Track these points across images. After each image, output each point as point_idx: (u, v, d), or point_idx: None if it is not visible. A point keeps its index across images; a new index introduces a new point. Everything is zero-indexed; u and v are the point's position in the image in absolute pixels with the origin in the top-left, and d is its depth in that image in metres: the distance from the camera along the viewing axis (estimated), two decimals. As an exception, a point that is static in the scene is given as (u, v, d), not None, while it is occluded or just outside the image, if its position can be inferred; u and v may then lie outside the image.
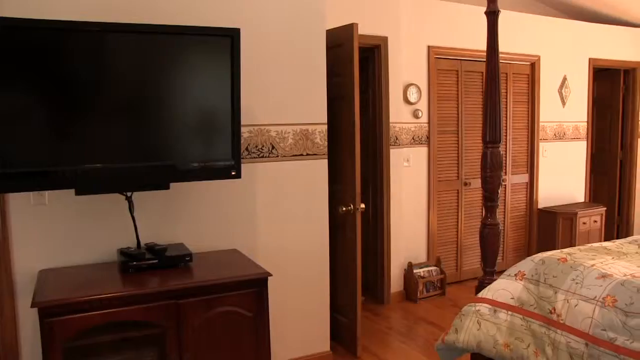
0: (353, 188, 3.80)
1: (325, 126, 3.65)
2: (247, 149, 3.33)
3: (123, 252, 2.80)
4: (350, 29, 3.77)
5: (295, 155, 3.53)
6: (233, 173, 2.92)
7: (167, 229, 3.10)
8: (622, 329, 2.25)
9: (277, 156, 3.46)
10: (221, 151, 2.90)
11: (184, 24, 2.87)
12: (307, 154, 3.58)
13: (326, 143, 3.66)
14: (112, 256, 2.95)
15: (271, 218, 3.47)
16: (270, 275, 2.76)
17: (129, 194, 2.81)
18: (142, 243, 2.90)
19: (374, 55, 5.02)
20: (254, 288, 2.72)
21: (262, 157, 3.40)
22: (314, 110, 3.59)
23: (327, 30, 3.66)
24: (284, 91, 3.46)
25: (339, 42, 3.85)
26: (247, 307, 2.71)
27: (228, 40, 2.83)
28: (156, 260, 2.75)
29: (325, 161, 3.67)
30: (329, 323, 3.83)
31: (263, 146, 3.40)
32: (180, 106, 2.78)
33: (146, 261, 2.73)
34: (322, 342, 3.80)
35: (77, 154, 2.56)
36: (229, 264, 2.97)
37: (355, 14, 4.63)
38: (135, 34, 2.64)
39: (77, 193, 2.68)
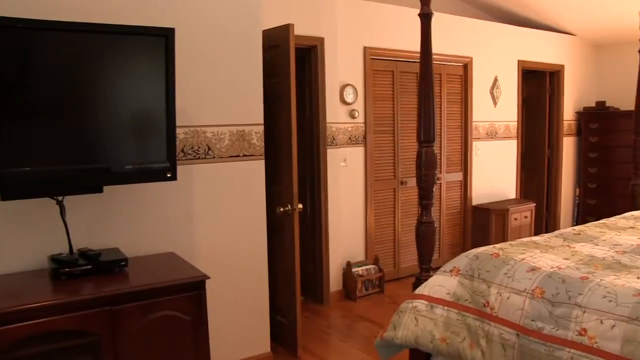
0: (290, 188, 3.81)
1: (262, 127, 3.64)
2: (182, 150, 3.28)
3: (54, 259, 2.70)
4: (286, 29, 3.77)
5: (232, 156, 3.50)
6: (169, 175, 2.87)
7: (101, 233, 3.01)
8: (549, 318, 2.36)
9: (214, 157, 3.42)
10: (156, 153, 2.84)
11: (118, 23, 2.80)
12: (244, 155, 3.56)
13: (263, 144, 3.65)
14: (42, 263, 2.84)
15: (209, 220, 3.43)
16: (208, 277, 2.73)
17: (60, 198, 2.72)
18: (75, 249, 2.81)
19: (310, 55, 5.04)
20: (191, 291, 2.68)
21: (199, 158, 3.36)
22: (250, 110, 3.58)
23: (263, 31, 3.65)
24: (220, 92, 3.43)
25: (276, 42, 3.84)
26: (185, 310, 2.67)
27: (162, 40, 2.78)
28: (90, 266, 2.67)
29: (262, 162, 3.66)
30: (268, 324, 3.82)
31: (199, 147, 3.35)
32: (114, 107, 2.71)
33: (79, 267, 2.64)
34: (262, 344, 3.79)
35: (2, 157, 2.45)
36: (166, 268, 2.92)
37: (292, 14, 4.64)
38: (65, 32, 2.55)
39: (3, 198, 2.57)
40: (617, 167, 7.24)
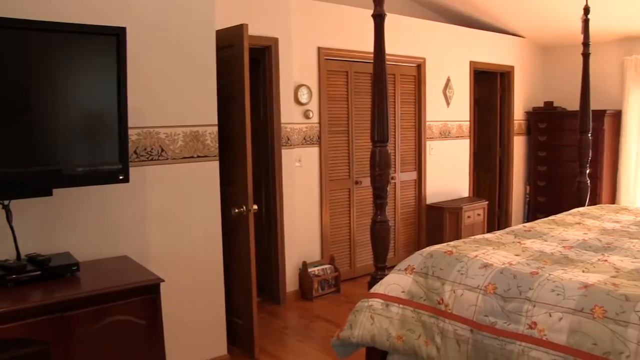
0: (245, 189, 3.79)
1: (216, 127, 3.62)
2: (135, 152, 3.23)
3: (0, 266, 2.61)
4: (240, 29, 3.75)
5: (186, 157, 3.47)
6: (121, 177, 2.82)
7: (51, 238, 2.93)
8: (501, 313, 2.41)
9: (167, 159, 3.38)
10: (108, 155, 2.79)
11: (68, 21, 2.72)
12: (198, 156, 3.53)
13: (217, 144, 3.62)
14: (-12, 269, 2.75)
15: (163, 222, 3.38)
16: (163, 281, 2.69)
17: (6, 202, 2.64)
18: (23, 254, 2.72)
19: (264, 56, 5.02)
20: (145, 295, 2.64)
21: (152, 160, 3.31)
22: (204, 111, 3.55)
23: (217, 31, 3.63)
24: (174, 92, 3.38)
25: (229, 42, 3.82)
26: (139, 315, 2.62)
27: (113, 39, 2.73)
28: (39, 272, 2.58)
29: (217, 163, 3.63)
30: (225, 326, 3.79)
31: (152, 149, 3.31)
32: (64, 108, 2.65)
33: (27, 273, 2.56)
34: (219, 346, 3.76)
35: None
36: (120, 272, 2.86)
37: (246, 14, 4.62)
38: (10, 29, 2.47)
39: (-55, 203, 2.48)
40: (564, 165, 7.46)
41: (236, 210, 3.82)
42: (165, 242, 3.39)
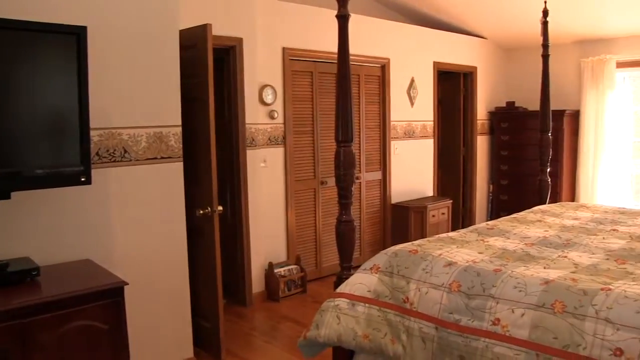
0: (210, 190, 3.76)
1: (180, 128, 3.58)
2: (97, 153, 3.17)
3: (-45, 272, 2.54)
4: (204, 29, 3.72)
5: (150, 159, 3.42)
6: (83, 179, 2.77)
7: (10, 242, 2.85)
8: (466, 310, 2.45)
9: (131, 160, 3.33)
10: (70, 156, 2.74)
11: (27, 19, 2.66)
12: (162, 158, 3.49)
13: (181, 146, 3.59)
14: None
15: (127, 224, 3.34)
16: (127, 284, 2.65)
17: (-38, 205, 2.57)
18: (-20, 259, 2.66)
19: (229, 56, 5.00)
20: (109, 299, 2.60)
21: (115, 161, 3.26)
22: (168, 112, 3.51)
23: (180, 31, 3.59)
24: (136, 93, 3.34)
25: (193, 42, 3.79)
26: (102, 319, 2.58)
27: (74, 38, 2.68)
28: (-4, 278, 2.53)
29: (181, 164, 3.60)
30: (191, 329, 3.76)
31: (115, 150, 3.26)
32: (23, 108, 2.59)
33: (-16, 279, 2.50)
34: (185, 349, 3.72)
35: None
36: (82, 276, 2.82)
37: (210, 14, 4.58)
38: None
39: None
40: (526, 164, 7.59)
41: (201, 212, 3.79)
42: (129, 245, 3.35)
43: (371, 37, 6.26)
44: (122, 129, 3.28)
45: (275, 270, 5.31)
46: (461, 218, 7.97)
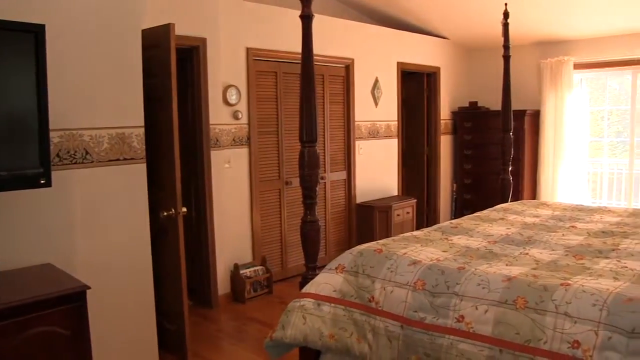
0: (174, 192, 3.73)
1: (143, 129, 3.53)
2: (58, 155, 3.11)
3: None
4: (167, 29, 3.68)
5: (112, 160, 3.37)
6: (42, 181, 2.71)
7: (-34, 246, 2.78)
8: (430, 308, 2.48)
9: (92, 162, 3.27)
10: (28, 158, 2.67)
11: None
12: (125, 159, 3.43)
13: (144, 147, 3.54)
14: None
15: (89, 227, 3.27)
16: (89, 288, 2.60)
17: None
18: None
19: (192, 56, 4.96)
20: (71, 304, 2.54)
21: (76, 163, 3.19)
22: (130, 112, 3.46)
23: (143, 30, 3.54)
24: (98, 93, 3.28)
25: (156, 42, 3.74)
26: (64, 325, 2.51)
27: (32, 36, 2.62)
28: (-49, 284, 2.45)
29: (144, 165, 3.55)
30: (156, 332, 3.71)
31: (76, 152, 3.19)
32: (-23, 110, 2.52)
33: (-62, 285, 2.42)
34: (150, 353, 3.67)
35: None
36: (43, 280, 2.75)
37: (173, 14, 4.53)
38: None
39: None
40: (488, 163, 7.72)
41: (165, 214, 3.75)
42: (91, 248, 3.28)
43: (335, 38, 6.28)
44: (83, 130, 3.22)
45: (241, 272, 5.28)
46: (426, 217, 8.05)
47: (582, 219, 3.96)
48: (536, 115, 7.72)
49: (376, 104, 6.95)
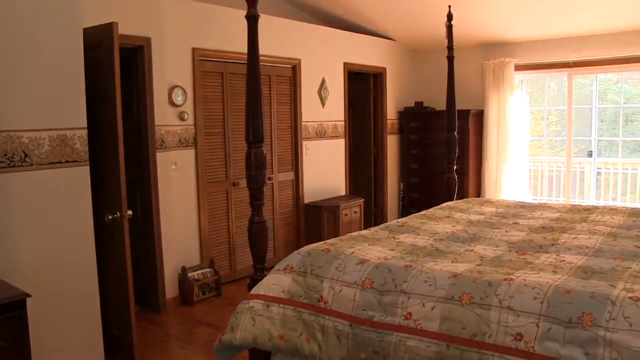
0: (118, 194, 3.65)
1: (86, 131, 3.44)
2: (-6, 158, 3.00)
3: None
4: (110, 28, 3.61)
5: (53, 163, 3.27)
6: (-22, 185, 2.61)
7: None
8: (378, 306, 2.51)
9: (32, 165, 3.17)
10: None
11: None
12: (67, 161, 3.34)
13: (87, 149, 3.45)
14: None
15: (29, 233, 3.16)
16: (29, 295, 2.51)
17: None
18: None
19: (136, 56, 4.87)
20: (9, 313, 2.42)
21: (14, 166, 3.08)
22: (72, 113, 3.36)
23: (85, 29, 3.45)
24: (37, 93, 3.17)
25: (99, 41, 3.66)
26: (2, 336, 2.40)
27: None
28: None
29: (87, 168, 3.46)
30: (102, 338, 3.62)
31: (14, 154, 3.08)
32: None
33: None
34: (96, 359, 3.58)
35: None
36: (-21, 288, 2.64)
37: (116, 13, 4.43)
38: None
39: None
40: (434, 162, 7.85)
41: (110, 217, 3.67)
42: (32, 254, 3.18)
43: (282, 38, 6.27)
44: (21, 132, 3.11)
45: (189, 274, 5.22)
46: (373, 216, 8.13)
47: (524, 216, 4.08)
48: (480, 115, 7.90)
49: (323, 104, 6.98)
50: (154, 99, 4.92)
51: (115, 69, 3.60)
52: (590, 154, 7.70)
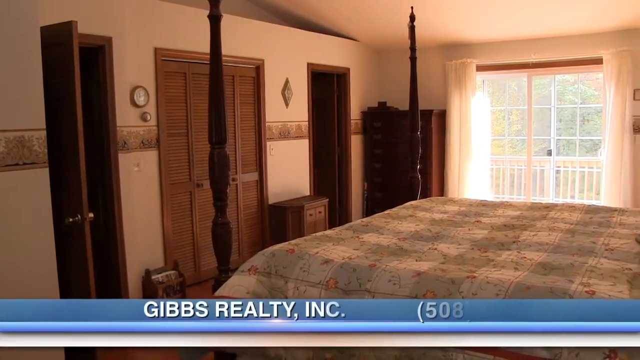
0: (79, 197, 3.58)
1: (45, 132, 3.36)
2: (-54, 160, 2.91)
3: None
4: (69, 27, 3.53)
5: (10, 165, 3.18)
6: None
7: None
8: (344, 307, 2.51)
9: (-13, 167, 3.09)
10: None
11: None
12: (25, 164, 3.25)
13: (46, 150, 3.37)
14: None
15: (-16, 237, 3.08)
16: (-14, 301, 2.45)
17: None
18: None
19: (97, 56, 4.78)
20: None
21: (-32, 169, 3.00)
22: (30, 114, 3.28)
23: (42, 27, 3.37)
24: (-8, 94, 3.10)
25: (58, 40, 3.58)
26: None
27: None
28: None
29: (46, 170, 3.38)
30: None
31: (-32, 156, 3.00)
32: None
33: None
34: (56, 366, 3.51)
35: None
36: None
37: (76, 11, 4.32)
38: None
39: None
40: (398, 162, 7.90)
41: (70, 220, 3.59)
42: (-12, 259, 3.10)
43: (245, 38, 6.24)
44: (-24, 134, 3.03)
45: (153, 277, 5.15)
46: (338, 216, 8.14)
47: (486, 214, 4.15)
48: (443, 115, 8.00)
49: (287, 104, 6.98)
50: (116, 100, 4.83)
51: (75, 69, 3.53)
52: (549, 153, 7.88)
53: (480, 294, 2.27)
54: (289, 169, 7.06)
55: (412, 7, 5.07)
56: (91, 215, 3.65)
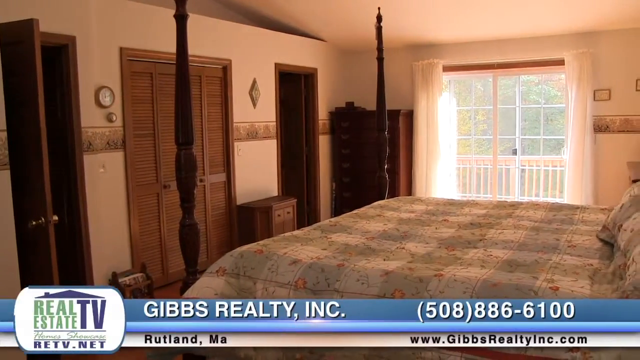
0: (43, 199, 3.50)
1: (5, 133, 3.30)
2: None
3: None
4: (29, 24, 3.45)
5: (-30, 167, 3.12)
6: None
7: None
8: (312, 307, 2.51)
9: (-53, 169, 3.01)
10: None
11: None
12: (-15, 165, 3.19)
13: (7, 152, 3.31)
14: None
15: (-56, 241, 3.01)
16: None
17: None
18: None
19: (60, 55, 4.69)
20: None
21: None
22: (-11, 115, 3.21)
23: (1, 24, 3.30)
24: (-49, 95, 3.02)
25: (17, 38, 3.50)
26: None
27: None
28: None
29: (7, 172, 3.32)
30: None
31: None
32: None
33: None
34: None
35: None
36: None
37: (37, 9, 4.24)
38: None
39: None
40: (366, 161, 7.94)
41: (34, 223, 3.52)
42: (-52, 263, 3.02)
43: (212, 38, 6.20)
44: None
45: (120, 280, 5.08)
46: (306, 216, 8.15)
47: (453, 213, 4.19)
48: (410, 115, 8.06)
49: (254, 105, 6.95)
50: (80, 100, 4.75)
51: (37, 68, 3.45)
52: (514, 152, 8.01)
53: (447, 292, 2.30)
54: (257, 169, 7.03)
55: (379, 8, 5.10)
56: (55, 218, 3.58)
